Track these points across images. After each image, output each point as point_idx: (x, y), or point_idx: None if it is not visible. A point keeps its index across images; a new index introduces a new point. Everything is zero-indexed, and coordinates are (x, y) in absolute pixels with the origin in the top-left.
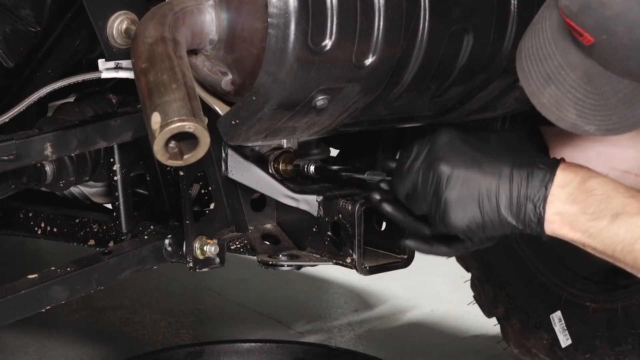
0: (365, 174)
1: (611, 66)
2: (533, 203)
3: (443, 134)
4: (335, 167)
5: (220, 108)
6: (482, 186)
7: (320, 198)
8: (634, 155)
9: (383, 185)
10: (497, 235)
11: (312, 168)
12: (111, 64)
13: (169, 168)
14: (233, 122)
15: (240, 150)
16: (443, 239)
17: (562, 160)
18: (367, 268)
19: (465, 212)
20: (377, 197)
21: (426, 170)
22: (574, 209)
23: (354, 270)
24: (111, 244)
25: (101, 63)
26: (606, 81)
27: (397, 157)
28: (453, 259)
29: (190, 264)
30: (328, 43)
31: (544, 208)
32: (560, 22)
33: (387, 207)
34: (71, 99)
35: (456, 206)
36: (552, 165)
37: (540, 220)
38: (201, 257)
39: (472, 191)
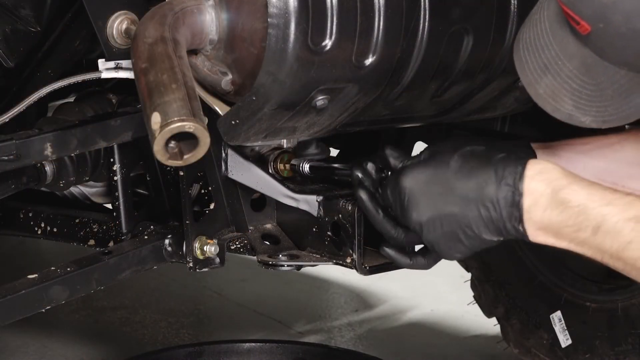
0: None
1: (608, 56)
2: (511, 224)
3: (407, 180)
4: (328, 165)
5: (220, 108)
6: (461, 222)
7: (320, 198)
8: (620, 167)
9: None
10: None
11: (306, 167)
12: (111, 64)
13: (169, 168)
14: (233, 122)
15: (240, 150)
16: (420, 250)
17: (528, 162)
18: (367, 268)
19: (451, 248)
20: (359, 176)
21: (401, 218)
22: (553, 222)
23: (354, 270)
24: (111, 244)
25: (101, 63)
26: (603, 71)
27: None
28: None
29: (190, 264)
30: (328, 43)
31: (523, 227)
32: (557, 11)
33: (363, 195)
34: (71, 99)
35: (443, 247)
36: (518, 177)
37: (525, 236)
38: (201, 257)
39: (452, 230)
